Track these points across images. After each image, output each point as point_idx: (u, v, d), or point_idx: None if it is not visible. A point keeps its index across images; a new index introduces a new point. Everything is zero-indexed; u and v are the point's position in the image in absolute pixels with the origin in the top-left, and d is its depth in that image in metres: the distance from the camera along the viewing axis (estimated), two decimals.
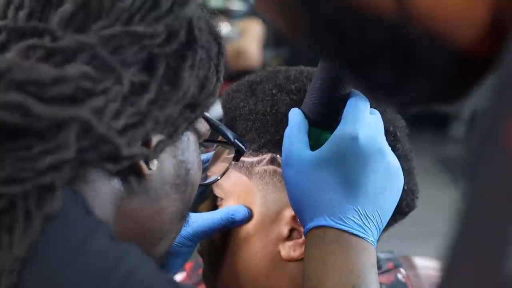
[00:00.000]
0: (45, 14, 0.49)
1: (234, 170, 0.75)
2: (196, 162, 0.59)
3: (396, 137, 0.75)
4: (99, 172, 0.50)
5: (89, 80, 0.47)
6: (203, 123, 0.60)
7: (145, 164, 0.53)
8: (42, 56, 0.46)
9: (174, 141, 0.54)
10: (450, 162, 5.31)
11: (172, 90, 0.52)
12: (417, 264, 0.89)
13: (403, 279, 0.83)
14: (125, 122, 0.49)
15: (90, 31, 0.49)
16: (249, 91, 0.77)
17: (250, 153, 0.74)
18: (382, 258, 0.87)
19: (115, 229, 0.50)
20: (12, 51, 0.47)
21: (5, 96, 0.43)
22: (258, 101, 0.75)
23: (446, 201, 4.78)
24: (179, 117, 0.53)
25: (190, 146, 0.58)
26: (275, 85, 0.76)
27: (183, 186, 0.57)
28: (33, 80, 0.44)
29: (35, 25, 0.48)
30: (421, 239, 3.71)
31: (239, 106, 0.76)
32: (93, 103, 0.47)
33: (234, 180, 0.75)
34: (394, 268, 0.85)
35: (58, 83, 0.45)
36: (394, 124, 0.76)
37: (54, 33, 0.48)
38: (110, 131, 0.47)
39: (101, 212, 0.49)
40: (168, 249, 0.61)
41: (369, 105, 0.66)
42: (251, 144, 0.74)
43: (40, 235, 0.43)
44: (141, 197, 0.53)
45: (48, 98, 0.45)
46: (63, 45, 0.47)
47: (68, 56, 0.47)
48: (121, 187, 0.52)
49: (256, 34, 3.79)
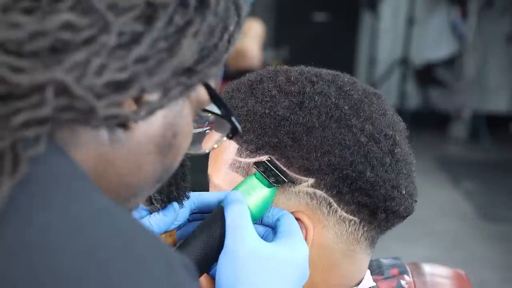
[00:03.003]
0: None
1: (231, 170, 0.76)
2: (186, 128, 0.56)
3: (395, 141, 0.75)
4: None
5: (70, 30, 0.44)
6: (203, 91, 0.56)
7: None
8: (26, 8, 0.44)
9: (163, 105, 0.50)
10: (450, 162, 5.31)
11: (168, 52, 0.48)
12: (425, 271, 0.88)
13: (406, 285, 0.83)
14: (108, 79, 0.45)
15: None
16: (248, 91, 0.77)
17: (247, 154, 0.74)
18: (386, 264, 0.86)
19: (93, 177, 0.48)
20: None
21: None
22: (257, 102, 0.75)
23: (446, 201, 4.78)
24: (171, 80, 0.49)
25: (184, 110, 0.54)
26: (275, 85, 0.76)
27: (167, 148, 0.54)
28: (11, 39, 0.43)
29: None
30: (421, 239, 3.71)
31: (238, 106, 0.76)
32: (74, 57, 0.44)
33: (231, 180, 0.75)
34: (398, 275, 0.84)
35: (36, 37, 0.43)
36: (393, 127, 0.76)
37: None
38: (87, 92, 0.44)
39: (83, 159, 0.48)
40: (135, 208, 0.60)
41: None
42: (248, 145, 0.74)
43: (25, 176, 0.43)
44: (124, 150, 0.51)
45: (28, 54, 0.43)
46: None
47: (52, 2, 0.44)
48: (106, 136, 0.49)
49: (256, 34, 3.78)
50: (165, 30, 0.48)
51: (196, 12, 0.50)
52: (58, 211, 0.44)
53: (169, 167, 0.56)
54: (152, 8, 0.47)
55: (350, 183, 0.71)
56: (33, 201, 0.43)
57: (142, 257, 0.45)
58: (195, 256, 0.67)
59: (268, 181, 0.71)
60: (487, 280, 3.21)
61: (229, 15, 0.53)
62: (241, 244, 0.65)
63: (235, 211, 0.68)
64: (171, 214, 0.71)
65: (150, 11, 0.47)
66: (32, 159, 0.44)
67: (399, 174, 0.74)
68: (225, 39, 0.53)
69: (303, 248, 0.68)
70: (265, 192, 0.71)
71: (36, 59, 0.43)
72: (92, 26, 0.44)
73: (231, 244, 0.65)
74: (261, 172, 0.72)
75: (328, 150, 0.71)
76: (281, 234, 0.69)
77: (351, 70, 5.81)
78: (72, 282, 0.41)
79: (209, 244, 0.67)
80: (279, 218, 0.71)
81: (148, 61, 0.47)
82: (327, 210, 0.72)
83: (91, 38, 0.44)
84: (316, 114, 0.72)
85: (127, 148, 0.51)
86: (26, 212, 0.43)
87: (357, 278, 0.79)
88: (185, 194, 0.72)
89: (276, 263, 0.65)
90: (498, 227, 3.94)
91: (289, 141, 0.72)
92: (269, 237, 0.71)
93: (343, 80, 0.77)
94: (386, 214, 0.74)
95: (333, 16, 6.02)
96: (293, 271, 0.66)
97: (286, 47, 5.15)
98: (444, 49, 6.03)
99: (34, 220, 0.43)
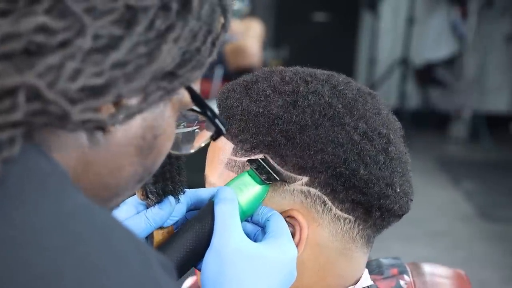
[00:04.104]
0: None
1: (226, 169, 0.76)
2: (168, 130, 0.55)
3: (389, 139, 0.75)
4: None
5: (44, 33, 0.43)
6: (186, 93, 0.55)
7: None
8: (2, 9, 0.43)
9: (143, 109, 0.49)
10: (450, 162, 5.31)
11: (147, 57, 0.47)
12: (425, 271, 0.88)
13: (405, 285, 0.83)
14: (83, 84, 0.44)
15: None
16: (243, 91, 0.77)
17: (242, 153, 0.75)
18: (386, 263, 0.86)
19: (73, 177, 0.48)
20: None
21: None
22: (251, 102, 0.75)
23: (446, 201, 4.78)
24: (150, 85, 0.48)
25: (166, 112, 0.53)
26: (269, 85, 0.76)
27: (148, 150, 0.53)
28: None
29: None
30: (421, 239, 3.71)
31: (233, 106, 0.76)
32: (47, 60, 0.43)
33: (226, 179, 0.75)
34: (398, 275, 0.84)
35: (8, 39, 0.42)
36: (388, 126, 0.76)
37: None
38: (60, 97, 0.43)
39: (62, 160, 0.48)
40: (116, 206, 0.60)
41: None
42: (244, 144, 0.75)
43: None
44: (104, 151, 0.50)
45: (0, 56, 0.42)
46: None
47: (29, 4, 0.43)
48: (85, 138, 0.49)
49: (256, 33, 3.79)
50: (145, 35, 0.46)
51: (178, 16, 0.48)
52: (34, 208, 0.43)
53: (150, 167, 0.55)
54: (132, 11, 0.45)
55: (344, 181, 0.71)
56: (8, 199, 0.43)
57: (120, 252, 0.45)
58: (184, 250, 0.67)
59: (260, 179, 0.72)
60: (487, 280, 3.21)
61: (214, 18, 0.52)
62: (226, 241, 0.65)
63: (224, 208, 0.68)
64: (167, 207, 0.71)
65: (130, 15, 0.45)
66: (7, 160, 0.43)
67: (393, 172, 0.74)
68: (208, 42, 0.52)
69: (291, 248, 0.68)
70: (257, 189, 0.72)
71: (8, 62, 0.42)
72: (67, 29, 0.43)
73: (217, 241, 0.66)
74: (253, 169, 0.72)
75: (321, 148, 0.71)
76: (270, 235, 0.69)
77: (351, 70, 5.81)
78: (51, 278, 0.41)
79: (198, 239, 0.68)
80: (269, 219, 0.71)
81: (126, 66, 0.46)
82: (322, 208, 0.72)
83: (66, 41, 0.43)
84: (309, 113, 0.72)
85: (106, 149, 0.50)
86: (1, 211, 0.42)
87: (354, 277, 0.79)
88: (180, 188, 0.72)
89: (262, 261, 0.65)
90: (498, 227, 3.94)
91: (282, 140, 0.72)
92: (258, 237, 0.72)
93: (338, 80, 0.77)
94: (381, 212, 0.74)
95: (333, 16, 6.02)
96: (279, 270, 0.66)
97: (286, 47, 5.15)
98: (444, 49, 6.03)
99: (8, 218, 0.42)
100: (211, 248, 0.66)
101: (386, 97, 0.82)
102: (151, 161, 0.55)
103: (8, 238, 0.41)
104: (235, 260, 0.64)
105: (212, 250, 0.66)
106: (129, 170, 0.53)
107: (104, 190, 0.53)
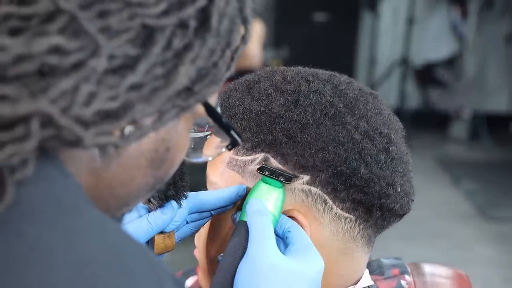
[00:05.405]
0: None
1: (228, 168, 0.76)
2: (181, 142, 0.53)
3: (390, 139, 0.75)
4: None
5: (58, 54, 0.41)
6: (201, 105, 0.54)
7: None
8: (14, 28, 0.41)
9: (157, 128, 0.48)
10: (450, 162, 5.31)
11: (164, 79, 0.45)
12: (426, 271, 0.88)
13: (406, 285, 0.83)
14: (97, 108, 0.42)
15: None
16: (245, 91, 0.77)
17: (244, 152, 0.75)
18: (387, 264, 0.86)
19: (84, 189, 0.47)
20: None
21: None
22: (253, 101, 0.76)
23: (446, 201, 4.77)
24: (166, 104, 0.46)
25: (179, 125, 0.52)
26: (271, 84, 0.76)
27: (160, 162, 0.52)
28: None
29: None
30: (421, 239, 3.72)
31: (235, 105, 0.77)
32: (61, 84, 0.41)
33: (227, 178, 0.76)
34: (398, 275, 0.84)
35: (21, 61, 0.40)
36: (389, 126, 0.76)
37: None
38: (74, 123, 0.42)
39: (74, 173, 0.47)
40: (126, 212, 0.59)
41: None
42: (245, 143, 0.75)
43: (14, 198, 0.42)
44: (116, 164, 0.49)
45: (12, 79, 0.40)
46: (39, 10, 0.41)
47: (42, 23, 0.41)
48: (97, 153, 0.48)
49: (256, 34, 3.79)
50: (162, 55, 0.44)
51: (196, 34, 0.46)
52: (48, 224, 0.42)
53: (162, 178, 0.55)
54: (149, 30, 0.43)
55: (344, 180, 0.71)
56: (21, 215, 0.42)
57: (132, 272, 0.44)
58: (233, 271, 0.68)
59: (279, 181, 0.72)
60: (487, 280, 3.21)
61: (233, 30, 0.50)
62: (263, 255, 0.66)
63: (259, 220, 0.69)
64: (169, 212, 0.71)
65: (147, 34, 0.43)
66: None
67: (394, 172, 0.74)
68: (226, 56, 0.50)
69: (319, 262, 0.68)
70: (279, 193, 0.72)
71: (20, 85, 0.40)
72: (81, 50, 0.41)
73: (254, 254, 0.66)
74: (268, 176, 0.72)
75: (322, 147, 0.71)
76: (295, 247, 0.69)
77: (351, 70, 5.82)
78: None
79: (238, 257, 0.68)
80: (290, 230, 0.71)
81: (142, 89, 0.44)
82: (323, 207, 0.73)
83: (80, 62, 0.41)
84: (310, 112, 0.73)
85: (118, 163, 0.49)
86: (15, 226, 0.42)
87: (354, 277, 0.79)
88: (182, 193, 0.72)
89: (294, 276, 0.65)
90: (498, 227, 3.94)
91: (284, 138, 0.72)
92: (280, 247, 0.72)
93: (339, 80, 0.78)
94: (381, 212, 0.74)
95: (333, 16, 6.03)
96: (310, 285, 0.66)
97: (286, 47, 5.15)
98: (444, 49, 6.03)
99: (23, 234, 0.41)
100: (247, 259, 0.66)
101: (386, 97, 0.82)
102: (164, 172, 0.54)
103: (21, 256, 0.41)
104: (271, 273, 0.64)
105: (248, 261, 0.66)
106: (141, 181, 0.52)
107: (114, 200, 0.52)
